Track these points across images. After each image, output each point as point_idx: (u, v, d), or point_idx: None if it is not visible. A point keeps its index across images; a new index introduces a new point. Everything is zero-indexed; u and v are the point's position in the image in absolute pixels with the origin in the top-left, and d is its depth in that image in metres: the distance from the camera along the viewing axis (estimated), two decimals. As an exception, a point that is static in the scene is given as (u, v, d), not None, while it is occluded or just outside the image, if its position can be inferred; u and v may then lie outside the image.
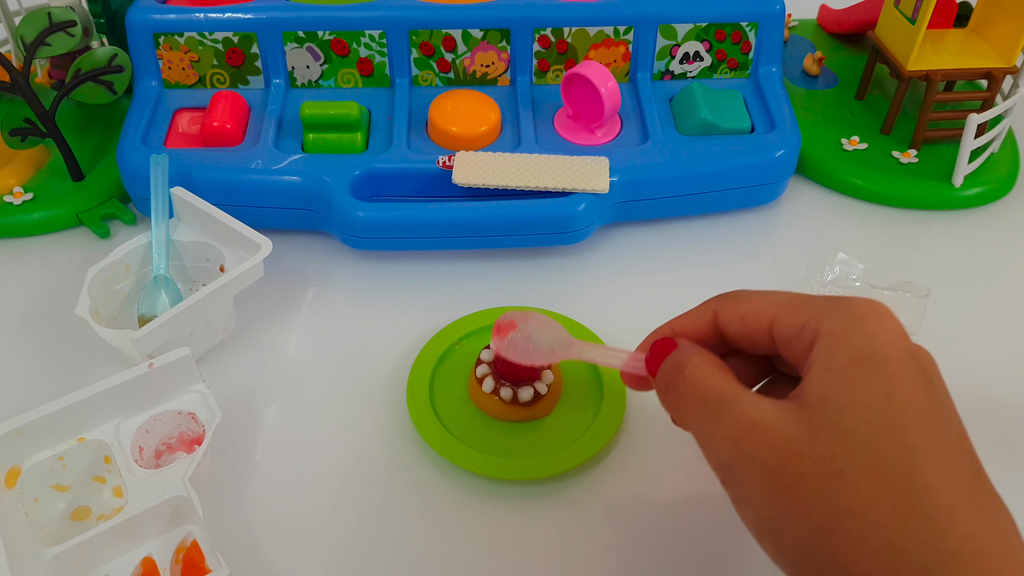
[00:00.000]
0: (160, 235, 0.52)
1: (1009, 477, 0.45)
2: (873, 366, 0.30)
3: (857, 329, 0.31)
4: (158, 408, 0.44)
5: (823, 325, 0.31)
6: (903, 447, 0.28)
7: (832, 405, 0.30)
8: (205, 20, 0.59)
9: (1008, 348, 0.52)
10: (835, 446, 0.29)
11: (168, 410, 0.44)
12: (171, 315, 0.45)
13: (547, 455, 0.45)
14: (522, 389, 0.46)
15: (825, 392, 0.30)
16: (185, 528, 0.41)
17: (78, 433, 0.42)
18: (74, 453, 0.42)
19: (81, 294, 0.48)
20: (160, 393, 0.44)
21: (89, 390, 0.41)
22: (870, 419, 0.29)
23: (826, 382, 0.30)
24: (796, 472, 0.29)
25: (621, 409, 0.47)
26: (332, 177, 0.55)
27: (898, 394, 0.29)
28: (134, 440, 0.43)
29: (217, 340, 0.52)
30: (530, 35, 0.60)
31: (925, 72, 0.61)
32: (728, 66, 0.63)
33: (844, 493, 0.28)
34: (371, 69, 0.61)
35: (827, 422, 0.29)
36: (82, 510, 0.43)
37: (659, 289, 0.56)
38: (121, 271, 0.52)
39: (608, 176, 0.55)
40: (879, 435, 0.29)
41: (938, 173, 0.61)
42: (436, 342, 0.51)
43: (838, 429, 0.29)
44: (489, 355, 0.47)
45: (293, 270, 0.57)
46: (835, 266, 0.56)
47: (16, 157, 0.60)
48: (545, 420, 0.47)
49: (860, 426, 0.29)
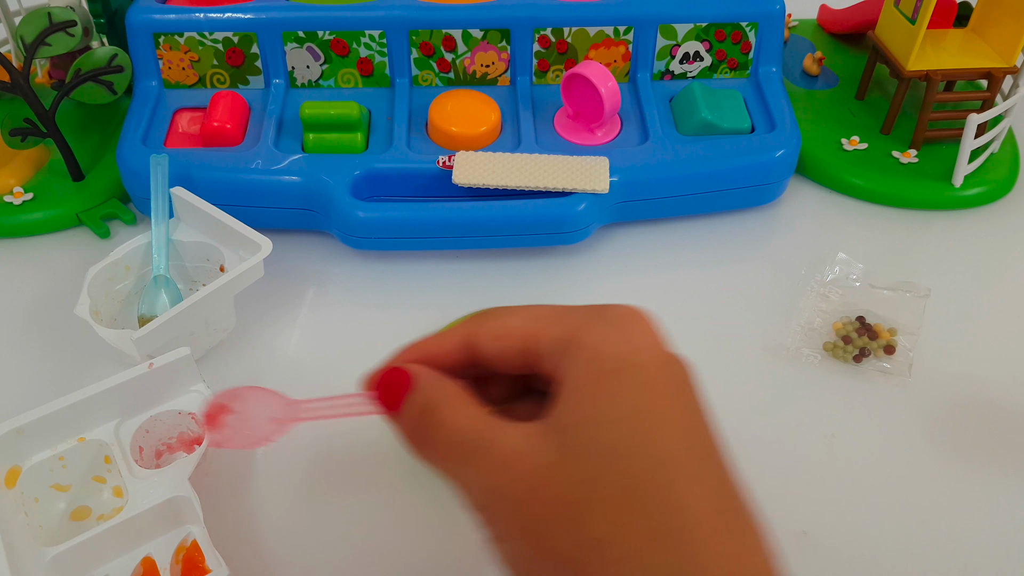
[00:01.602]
0: (160, 235, 0.52)
1: (1009, 477, 0.46)
2: (626, 376, 0.28)
3: (613, 338, 0.29)
4: (158, 408, 0.44)
5: (582, 336, 0.30)
6: (655, 461, 0.27)
7: (583, 424, 0.28)
8: (205, 20, 0.59)
9: (1008, 348, 0.52)
10: (586, 469, 0.27)
11: (168, 410, 0.44)
12: (171, 315, 0.45)
13: None
14: None
15: (577, 410, 0.28)
16: (185, 528, 0.41)
17: (78, 433, 0.42)
18: (74, 453, 0.42)
19: (81, 294, 0.48)
20: (160, 393, 0.44)
21: (89, 390, 0.41)
22: (622, 433, 0.27)
23: (579, 398, 0.28)
24: (544, 503, 0.27)
25: None
26: (332, 177, 0.55)
27: (650, 404, 0.28)
28: (134, 440, 0.43)
29: (217, 340, 0.52)
30: (530, 35, 0.60)
31: (925, 72, 0.61)
32: (728, 66, 0.63)
33: (594, 522, 0.27)
34: (371, 69, 0.61)
35: (578, 444, 0.27)
36: (82, 510, 0.43)
37: (659, 289, 0.56)
38: (121, 271, 0.52)
39: (608, 176, 0.55)
40: (631, 450, 0.27)
41: (938, 173, 0.61)
42: None
43: (589, 450, 0.27)
44: None
45: (293, 270, 0.57)
46: (835, 266, 0.56)
47: (16, 157, 0.60)
48: None
49: (611, 443, 0.27)
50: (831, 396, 0.49)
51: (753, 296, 0.55)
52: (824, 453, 0.47)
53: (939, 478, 0.46)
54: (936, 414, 0.49)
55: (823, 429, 0.48)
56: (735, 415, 0.49)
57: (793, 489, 0.45)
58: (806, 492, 0.45)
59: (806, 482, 0.45)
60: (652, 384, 0.29)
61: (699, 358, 0.51)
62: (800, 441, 0.47)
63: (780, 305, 0.54)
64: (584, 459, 0.27)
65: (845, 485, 0.45)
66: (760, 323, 0.53)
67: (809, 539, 0.43)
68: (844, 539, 0.43)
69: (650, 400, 0.28)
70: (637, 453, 0.27)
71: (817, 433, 0.48)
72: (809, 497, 0.45)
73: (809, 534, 0.43)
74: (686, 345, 0.52)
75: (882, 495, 0.45)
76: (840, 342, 0.51)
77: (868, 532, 0.43)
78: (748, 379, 0.50)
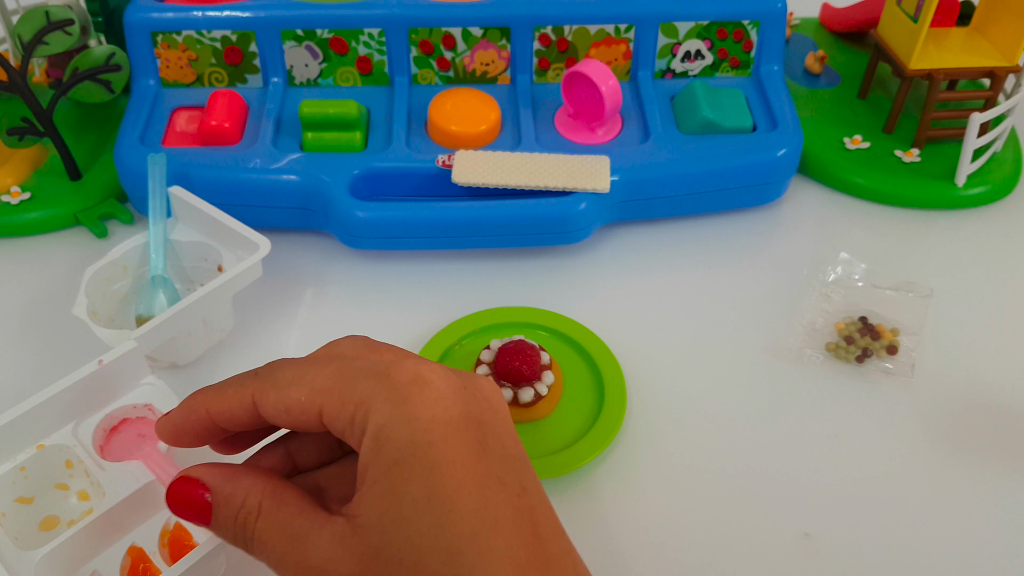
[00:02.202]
0: (158, 235, 0.51)
1: (1012, 477, 0.45)
2: (414, 461, 0.27)
3: (399, 418, 0.28)
4: (113, 405, 0.44)
5: (366, 419, 0.28)
6: (448, 554, 0.26)
7: (379, 526, 0.27)
8: (203, 18, 0.59)
9: (1010, 348, 0.52)
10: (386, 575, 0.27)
11: (123, 406, 0.44)
12: (168, 315, 0.45)
13: (547, 456, 0.45)
14: (522, 390, 0.46)
15: (373, 507, 0.28)
16: (166, 512, 0.41)
17: (37, 440, 0.41)
18: (35, 462, 0.41)
19: (79, 294, 0.48)
20: (114, 390, 0.44)
21: (42, 395, 0.41)
22: (415, 531, 0.27)
23: (374, 495, 0.28)
24: None
25: (622, 411, 0.47)
26: (331, 176, 0.55)
27: (440, 486, 0.27)
28: (94, 440, 0.43)
29: (215, 340, 0.51)
30: (530, 33, 0.60)
31: (927, 71, 0.60)
32: (730, 64, 0.63)
33: None
34: (370, 67, 0.61)
35: (377, 549, 0.27)
36: (50, 520, 0.42)
37: (660, 289, 0.56)
38: (119, 271, 0.51)
39: (609, 175, 0.55)
40: (424, 548, 0.27)
41: (940, 172, 0.61)
42: (436, 342, 0.50)
43: (386, 555, 0.27)
44: (489, 355, 0.47)
45: (292, 270, 0.57)
46: (837, 266, 0.55)
47: (13, 156, 0.60)
48: (545, 421, 0.47)
49: (407, 543, 0.27)
50: (834, 396, 0.49)
51: (755, 296, 0.55)
52: (827, 454, 0.46)
53: (942, 479, 0.45)
54: (939, 414, 0.48)
55: (826, 429, 0.47)
56: (736, 415, 0.48)
57: (795, 490, 0.45)
58: (808, 493, 0.45)
59: (808, 483, 0.45)
60: (443, 462, 0.27)
61: (700, 358, 0.52)
62: (802, 442, 0.47)
63: (782, 305, 0.54)
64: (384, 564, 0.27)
65: (848, 486, 0.45)
66: (762, 323, 0.53)
67: (811, 540, 0.43)
68: (847, 540, 0.43)
69: (440, 483, 0.27)
70: (431, 550, 0.27)
71: (820, 433, 0.47)
72: (812, 498, 0.44)
73: (812, 535, 0.43)
74: (687, 345, 0.52)
75: (885, 496, 0.44)
76: (843, 342, 0.51)
77: (870, 533, 0.43)
78: (750, 379, 0.50)
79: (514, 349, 0.46)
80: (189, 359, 0.51)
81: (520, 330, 0.51)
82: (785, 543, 0.43)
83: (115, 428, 0.44)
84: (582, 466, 0.45)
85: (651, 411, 0.48)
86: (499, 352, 0.46)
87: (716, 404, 0.49)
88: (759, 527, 0.43)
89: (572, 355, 0.50)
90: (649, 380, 0.50)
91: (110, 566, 0.39)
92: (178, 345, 0.49)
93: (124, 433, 0.42)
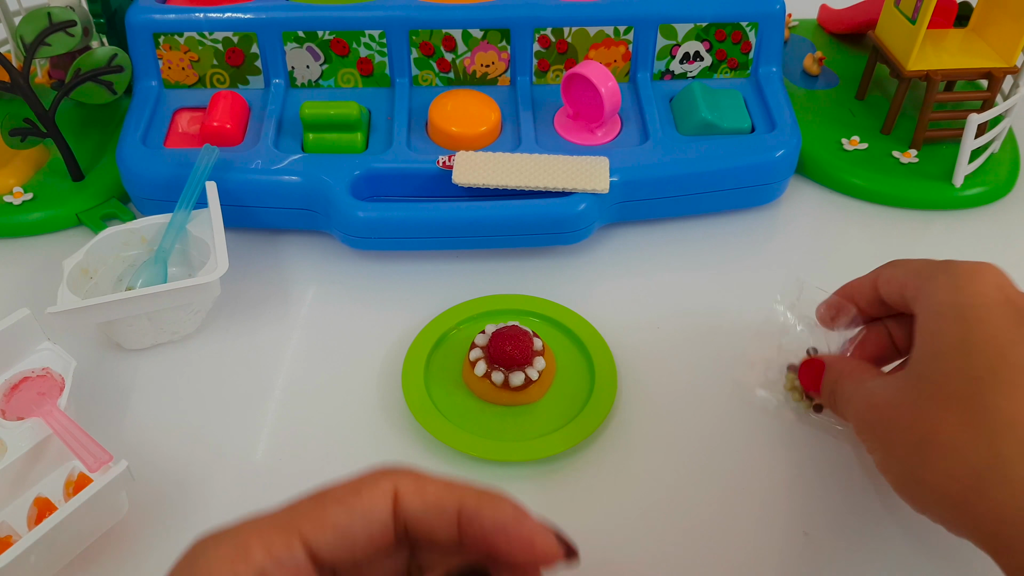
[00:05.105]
0: (178, 220, 0.52)
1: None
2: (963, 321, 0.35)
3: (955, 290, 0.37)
4: (11, 371, 0.45)
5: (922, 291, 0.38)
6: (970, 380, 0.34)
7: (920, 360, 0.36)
8: (205, 20, 0.59)
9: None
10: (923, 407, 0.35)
11: (18, 372, 0.45)
12: (94, 302, 0.46)
13: (536, 439, 0.46)
14: (513, 374, 0.46)
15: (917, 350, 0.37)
16: (69, 464, 0.43)
17: None
18: None
19: (78, 253, 0.50)
20: (10, 356, 0.45)
21: None
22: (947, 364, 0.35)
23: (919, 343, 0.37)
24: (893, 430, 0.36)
25: (611, 396, 0.47)
26: (332, 177, 0.55)
27: (975, 337, 0.35)
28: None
29: (166, 339, 0.52)
30: (530, 35, 0.60)
31: (925, 72, 0.61)
32: (728, 66, 0.63)
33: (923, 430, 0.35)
34: (371, 69, 0.61)
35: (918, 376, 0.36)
36: None
37: (659, 289, 0.56)
38: (137, 239, 0.53)
39: (608, 176, 0.55)
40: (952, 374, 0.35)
41: (938, 173, 0.61)
42: (434, 325, 0.51)
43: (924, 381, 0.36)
44: (483, 339, 0.48)
45: (293, 270, 0.57)
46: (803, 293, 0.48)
47: (16, 157, 0.60)
48: (536, 405, 0.48)
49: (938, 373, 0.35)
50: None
51: (753, 296, 0.55)
52: (828, 453, 0.47)
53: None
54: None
55: (827, 429, 0.48)
56: (737, 416, 0.49)
57: (797, 490, 0.45)
58: (810, 493, 0.45)
59: (810, 483, 0.45)
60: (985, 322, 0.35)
61: (699, 358, 0.52)
62: (804, 442, 0.47)
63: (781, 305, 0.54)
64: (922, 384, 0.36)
65: (849, 486, 0.45)
66: (759, 322, 0.53)
67: (811, 540, 0.43)
68: (847, 541, 0.43)
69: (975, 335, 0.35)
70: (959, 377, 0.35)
71: (821, 433, 0.47)
72: (813, 498, 0.45)
73: (810, 535, 0.43)
74: (686, 345, 0.52)
75: (886, 496, 0.45)
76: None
77: (872, 534, 0.43)
78: (743, 377, 0.50)
79: (507, 334, 0.47)
80: (135, 347, 0.52)
81: (516, 317, 0.52)
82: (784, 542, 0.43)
83: (15, 387, 0.46)
84: (568, 449, 0.45)
85: (640, 396, 0.49)
86: (493, 336, 0.47)
87: (714, 403, 0.49)
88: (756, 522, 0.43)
89: (567, 343, 0.51)
90: (642, 373, 0.50)
91: (18, 516, 0.41)
92: (121, 330, 0.50)
93: (24, 391, 0.45)
